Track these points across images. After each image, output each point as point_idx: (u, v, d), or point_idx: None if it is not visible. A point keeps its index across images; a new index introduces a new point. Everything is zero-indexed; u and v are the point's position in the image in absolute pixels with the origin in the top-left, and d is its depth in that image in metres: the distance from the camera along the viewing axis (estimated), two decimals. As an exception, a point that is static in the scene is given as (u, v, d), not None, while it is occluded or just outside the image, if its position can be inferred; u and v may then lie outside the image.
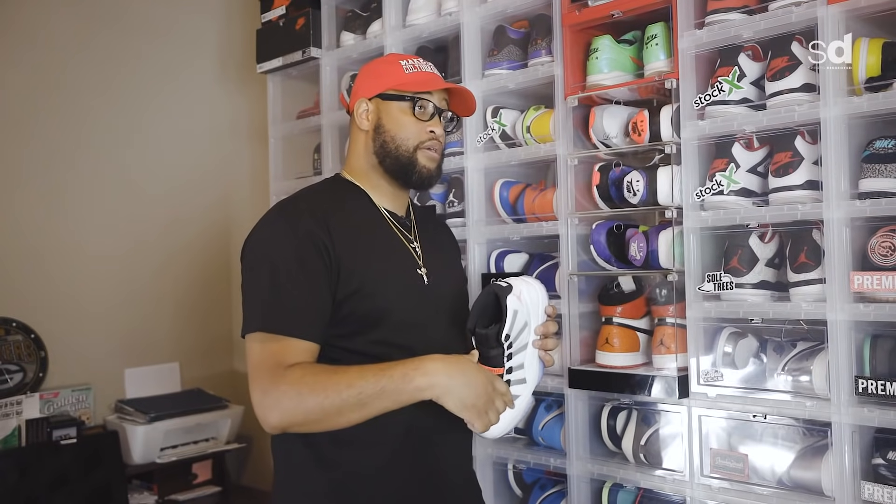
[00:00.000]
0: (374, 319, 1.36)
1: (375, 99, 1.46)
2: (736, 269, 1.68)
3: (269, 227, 1.37)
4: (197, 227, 2.98)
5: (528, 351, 1.42)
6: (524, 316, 1.41)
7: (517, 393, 1.41)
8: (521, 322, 1.40)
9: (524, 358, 1.42)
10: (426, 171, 1.46)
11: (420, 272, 1.45)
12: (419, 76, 1.46)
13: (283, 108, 2.75)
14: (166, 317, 2.89)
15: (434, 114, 1.46)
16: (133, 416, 2.59)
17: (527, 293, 1.42)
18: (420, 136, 1.44)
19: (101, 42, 2.77)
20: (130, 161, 2.84)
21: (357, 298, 1.34)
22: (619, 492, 1.88)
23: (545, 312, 1.46)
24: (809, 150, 1.61)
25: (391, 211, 1.49)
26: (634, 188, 1.81)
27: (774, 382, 1.66)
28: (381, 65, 1.51)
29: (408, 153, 1.44)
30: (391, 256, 1.43)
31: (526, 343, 1.42)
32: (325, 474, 1.36)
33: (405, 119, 1.44)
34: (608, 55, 1.88)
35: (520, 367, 1.41)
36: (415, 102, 1.44)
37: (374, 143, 1.46)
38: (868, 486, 1.50)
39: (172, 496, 2.60)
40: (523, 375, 1.42)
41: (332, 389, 1.23)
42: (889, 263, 1.49)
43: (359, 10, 2.51)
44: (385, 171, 1.46)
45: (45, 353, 2.57)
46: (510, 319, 1.39)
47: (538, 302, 1.45)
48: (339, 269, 1.33)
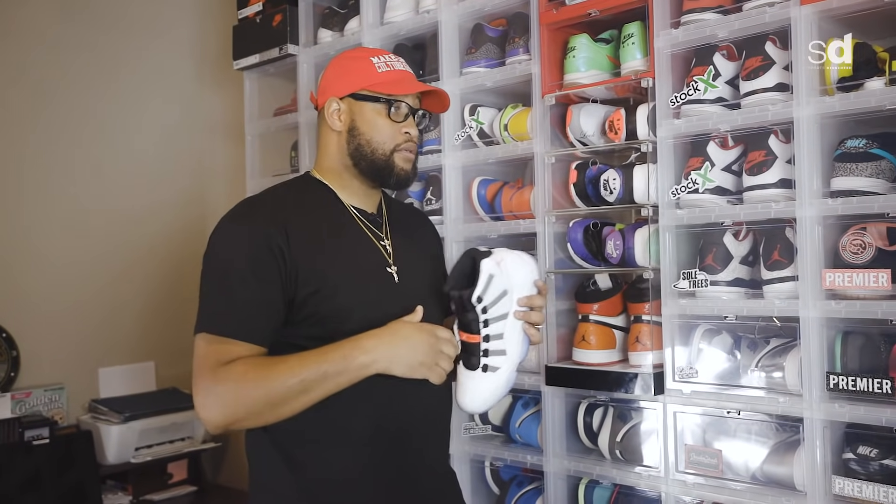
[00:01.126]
0: (337, 319, 1.34)
1: (347, 98, 1.44)
2: (711, 267, 1.70)
3: (226, 228, 1.36)
4: (172, 225, 2.95)
5: (508, 321, 1.37)
6: (502, 283, 1.36)
7: (496, 364, 1.37)
8: (497, 288, 1.35)
9: (503, 328, 1.37)
10: (403, 174, 1.45)
11: (390, 270, 1.43)
12: (392, 76, 1.44)
13: (260, 106, 2.73)
14: (141, 315, 2.86)
15: (408, 114, 1.45)
16: (107, 415, 2.56)
17: (510, 262, 1.37)
18: (396, 138, 1.43)
19: (72, 36, 2.73)
20: (103, 157, 2.80)
21: (318, 298, 1.33)
22: (595, 488, 1.89)
23: (535, 285, 1.41)
24: (783, 148, 1.63)
25: (360, 209, 1.47)
26: (611, 186, 1.82)
27: (748, 379, 1.67)
28: (350, 61, 1.47)
29: (384, 156, 1.43)
30: (357, 255, 1.41)
31: (506, 313, 1.37)
32: (294, 475, 1.35)
33: (380, 121, 1.42)
34: (585, 54, 1.89)
35: (498, 337, 1.37)
36: (390, 105, 1.42)
37: (348, 146, 1.44)
38: (839, 481, 1.52)
39: (147, 496, 2.57)
40: (503, 346, 1.37)
41: (275, 379, 1.24)
42: (860, 261, 1.51)
43: (336, 6, 2.50)
44: (360, 172, 1.44)
45: (17, 353, 2.53)
46: (483, 282, 1.34)
47: (524, 274, 1.39)
48: (296, 271, 1.32)
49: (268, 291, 1.30)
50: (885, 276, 1.47)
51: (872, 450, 1.50)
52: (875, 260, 1.50)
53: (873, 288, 1.48)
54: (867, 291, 1.49)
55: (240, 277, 1.30)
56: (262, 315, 1.31)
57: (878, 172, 1.53)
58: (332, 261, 1.37)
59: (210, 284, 1.33)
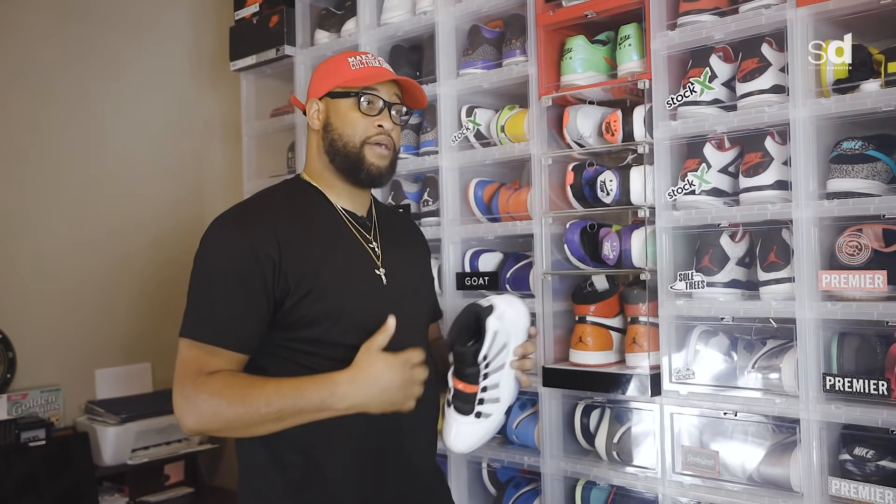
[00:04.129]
0: (326, 321, 1.36)
1: (325, 98, 1.46)
2: (707, 268, 1.70)
3: (216, 233, 1.38)
4: (169, 226, 2.94)
5: (504, 370, 1.42)
6: (504, 337, 1.41)
7: (489, 412, 1.41)
8: (500, 343, 1.40)
9: (500, 377, 1.41)
10: (375, 169, 1.45)
11: (378, 273, 1.44)
12: (365, 71, 1.45)
13: (257, 107, 2.73)
14: (137, 317, 2.85)
15: (383, 108, 1.45)
16: (104, 416, 2.55)
17: (509, 314, 1.41)
18: (367, 130, 1.43)
19: (71, 35, 2.72)
20: (100, 159, 2.80)
21: (308, 301, 1.34)
22: (592, 489, 1.89)
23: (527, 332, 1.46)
24: (779, 150, 1.63)
25: (350, 211, 1.48)
26: (608, 188, 1.82)
27: (745, 380, 1.68)
28: (329, 64, 1.50)
29: (355, 149, 1.43)
30: (346, 257, 1.42)
31: (503, 363, 1.41)
32: (281, 474, 1.36)
33: (352, 115, 1.44)
34: (582, 55, 1.89)
35: (494, 387, 1.41)
36: (360, 97, 1.43)
37: (324, 143, 1.46)
38: (835, 482, 1.52)
39: (144, 498, 2.56)
40: (497, 395, 1.42)
41: (251, 404, 1.27)
42: (856, 262, 1.51)
43: (333, 8, 2.50)
44: (336, 169, 1.46)
45: (13, 354, 2.52)
46: (489, 340, 1.39)
47: (520, 323, 1.44)
48: (286, 276, 1.33)
49: (252, 300, 1.32)
50: (881, 278, 1.47)
51: (869, 451, 1.50)
52: (871, 261, 1.50)
53: (869, 289, 1.48)
54: (863, 293, 1.50)
55: (225, 285, 1.32)
56: (246, 324, 1.33)
57: (873, 174, 1.53)
58: (322, 264, 1.38)
59: (197, 289, 1.35)
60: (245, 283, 1.32)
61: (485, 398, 1.40)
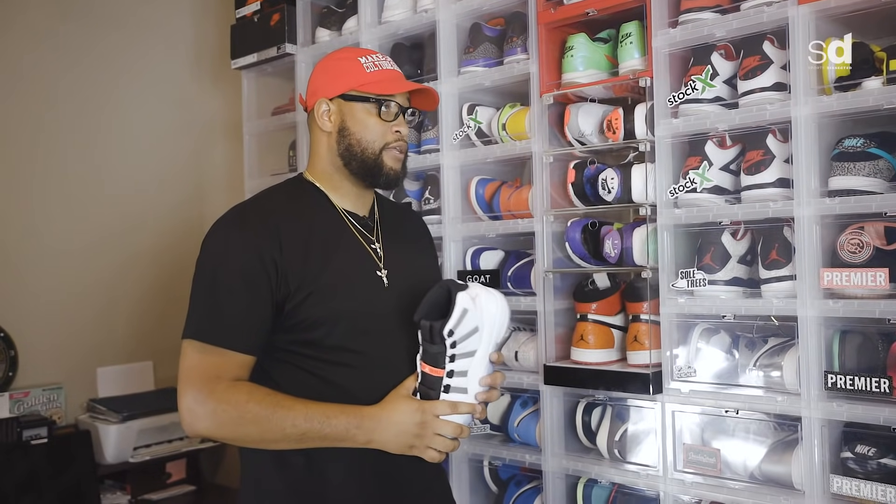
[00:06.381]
0: (327, 324, 1.35)
1: (337, 99, 1.44)
2: (709, 266, 1.70)
3: (219, 235, 1.38)
4: (170, 225, 2.95)
5: (475, 360, 1.34)
6: (474, 319, 1.32)
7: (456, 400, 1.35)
8: (469, 324, 1.31)
9: (469, 365, 1.34)
10: (393, 173, 1.46)
11: (379, 274, 1.44)
12: (382, 75, 1.44)
13: (258, 105, 2.73)
14: (139, 315, 2.86)
15: (398, 113, 1.45)
16: (105, 415, 2.56)
17: (485, 300, 1.33)
18: (386, 137, 1.43)
19: (71, 35, 2.73)
20: (101, 158, 2.80)
21: (309, 304, 1.34)
22: (593, 487, 1.89)
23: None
24: (781, 148, 1.63)
25: (352, 212, 1.48)
26: (609, 186, 1.82)
27: (746, 378, 1.68)
28: (338, 62, 1.48)
29: (374, 155, 1.43)
30: (347, 260, 1.42)
31: (474, 350, 1.34)
32: (283, 473, 1.36)
33: (370, 121, 1.43)
34: (583, 53, 1.89)
35: (462, 374, 1.34)
36: (380, 104, 1.43)
37: (338, 146, 1.45)
38: (837, 480, 1.52)
39: (146, 496, 2.57)
40: (465, 385, 1.35)
41: (276, 423, 1.28)
42: (857, 260, 1.51)
43: (334, 6, 2.50)
44: (351, 173, 1.45)
45: (15, 352, 2.52)
46: (456, 316, 1.30)
47: (494, 312, 1.34)
48: (287, 278, 1.33)
49: (257, 301, 1.32)
50: (883, 275, 1.47)
51: (870, 448, 1.50)
52: (873, 259, 1.50)
53: (871, 287, 1.48)
54: (865, 290, 1.50)
55: (229, 286, 1.32)
56: (252, 325, 1.33)
57: (875, 172, 1.53)
58: (322, 266, 1.37)
59: (200, 291, 1.35)
60: (249, 285, 1.32)
61: (451, 385, 1.34)
